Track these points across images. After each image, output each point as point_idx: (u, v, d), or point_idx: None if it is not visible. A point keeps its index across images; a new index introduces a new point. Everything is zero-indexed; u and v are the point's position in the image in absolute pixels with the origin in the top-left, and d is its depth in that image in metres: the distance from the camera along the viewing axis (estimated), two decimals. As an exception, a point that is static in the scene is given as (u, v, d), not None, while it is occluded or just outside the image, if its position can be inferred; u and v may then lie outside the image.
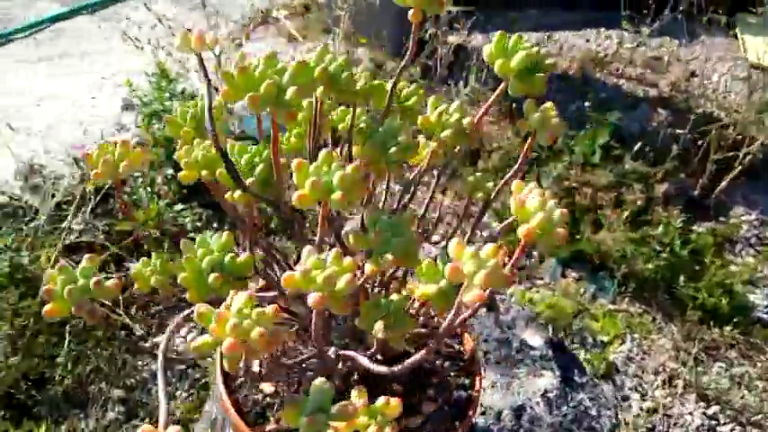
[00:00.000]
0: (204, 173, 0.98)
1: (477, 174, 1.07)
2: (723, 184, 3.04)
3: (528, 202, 0.75)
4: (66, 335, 2.24)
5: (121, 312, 2.27)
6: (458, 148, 1.01)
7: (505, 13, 3.75)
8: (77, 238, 2.53)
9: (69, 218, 2.54)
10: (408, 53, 0.94)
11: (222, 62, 2.29)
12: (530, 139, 0.95)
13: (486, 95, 3.22)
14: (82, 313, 0.79)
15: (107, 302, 2.46)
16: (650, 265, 2.65)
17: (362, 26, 3.46)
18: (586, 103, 3.11)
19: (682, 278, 2.73)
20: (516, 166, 0.98)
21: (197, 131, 1.03)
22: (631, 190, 2.84)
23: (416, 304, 1.09)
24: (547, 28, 3.79)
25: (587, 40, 3.79)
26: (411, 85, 1.08)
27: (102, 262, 2.51)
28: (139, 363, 2.26)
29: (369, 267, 0.80)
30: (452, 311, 0.75)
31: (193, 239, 0.95)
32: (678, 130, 2.94)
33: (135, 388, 2.19)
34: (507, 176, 1.00)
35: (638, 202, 2.83)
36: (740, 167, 3.00)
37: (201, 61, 0.84)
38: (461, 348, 1.31)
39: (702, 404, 2.46)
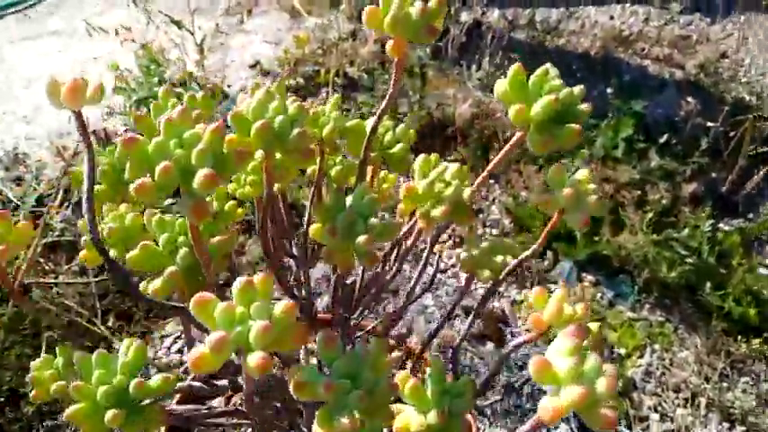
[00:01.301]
0: (112, 253, 0.71)
1: (484, 243, 0.78)
2: (756, 178, 2.72)
3: (556, 363, 0.47)
4: (43, 346, 2.02)
5: (99, 325, 2.04)
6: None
7: (524, -12, 3.38)
8: (59, 236, 2.29)
9: (50, 214, 2.29)
10: (388, 101, 0.65)
11: (206, 49, 1.98)
12: (553, 218, 0.66)
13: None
14: None
15: (84, 312, 2.25)
16: (674, 273, 2.35)
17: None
18: (609, 90, 2.77)
19: (707, 284, 2.43)
20: (522, 258, 0.69)
21: (114, 189, 0.75)
22: (656, 188, 2.53)
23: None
24: (568, 3, 3.42)
25: (611, 17, 3.41)
26: (398, 126, 0.78)
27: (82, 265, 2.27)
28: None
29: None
30: None
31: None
32: (708, 122, 2.61)
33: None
34: (521, 257, 0.72)
35: (663, 202, 2.52)
36: (775, 162, 2.67)
37: (81, 121, 0.56)
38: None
39: (726, 425, 2.20)
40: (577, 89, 0.66)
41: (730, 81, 3.13)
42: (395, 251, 0.87)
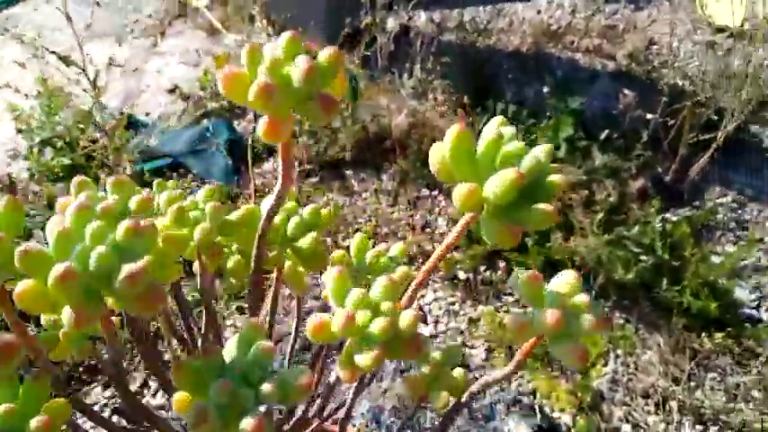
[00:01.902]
0: None
1: (434, 353, 0.56)
2: (701, 163, 2.60)
3: None
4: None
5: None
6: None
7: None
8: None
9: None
10: (278, 197, 0.42)
11: (103, 84, 1.70)
12: (523, 348, 0.45)
13: (434, 85, 2.69)
14: None
15: None
16: (630, 275, 2.21)
17: (287, 10, 2.86)
18: (545, 88, 2.61)
19: (664, 281, 2.30)
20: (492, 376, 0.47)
21: None
22: (603, 186, 2.38)
23: None
24: (494, 1, 3.25)
25: (538, 12, 3.26)
26: (304, 208, 0.56)
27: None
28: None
29: None
30: None
31: None
32: (648, 114, 2.48)
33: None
34: (491, 378, 0.51)
35: (611, 199, 2.37)
36: (716, 147, 2.56)
37: None
38: None
39: (700, 427, 2.07)
40: (545, 151, 0.45)
41: (662, 68, 3.02)
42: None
